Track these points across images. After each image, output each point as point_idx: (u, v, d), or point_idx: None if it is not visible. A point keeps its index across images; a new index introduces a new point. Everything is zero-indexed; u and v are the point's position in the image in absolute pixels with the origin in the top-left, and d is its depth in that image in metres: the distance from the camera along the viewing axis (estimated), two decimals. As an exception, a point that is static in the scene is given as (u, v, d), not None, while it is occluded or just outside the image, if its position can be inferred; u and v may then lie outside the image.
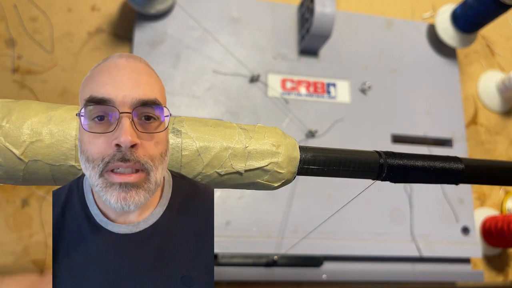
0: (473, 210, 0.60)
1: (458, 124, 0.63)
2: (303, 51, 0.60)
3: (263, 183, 0.26)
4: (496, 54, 0.71)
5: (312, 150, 0.23)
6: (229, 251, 0.51)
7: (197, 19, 0.58)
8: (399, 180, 0.22)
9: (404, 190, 0.58)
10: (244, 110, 0.56)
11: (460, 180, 0.23)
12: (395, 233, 0.56)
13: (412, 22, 0.66)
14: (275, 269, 0.52)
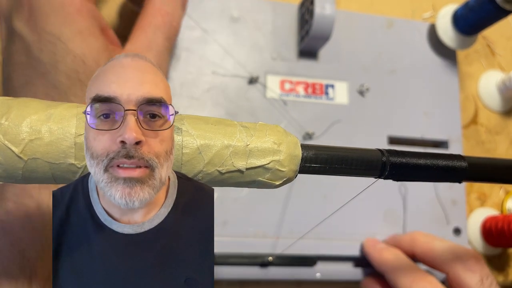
0: (465, 211, 0.60)
1: (454, 126, 0.63)
2: (302, 52, 0.60)
3: (264, 181, 0.25)
4: (496, 54, 0.71)
5: (314, 148, 0.23)
6: (226, 251, 0.51)
7: (197, 19, 0.58)
8: (401, 178, 0.22)
9: (398, 191, 0.58)
10: (242, 112, 0.56)
11: (463, 179, 0.23)
12: (388, 233, 0.56)
13: (413, 22, 0.66)
14: (270, 269, 0.52)
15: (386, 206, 0.58)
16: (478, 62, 0.70)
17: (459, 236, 0.59)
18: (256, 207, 0.54)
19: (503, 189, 0.65)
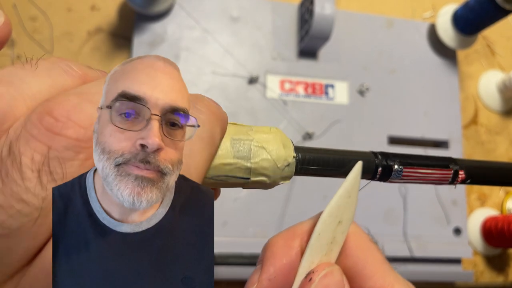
0: (466, 212, 0.60)
1: (455, 125, 0.63)
2: (302, 52, 0.60)
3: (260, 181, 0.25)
4: (496, 54, 0.71)
5: (307, 150, 0.23)
6: (226, 251, 0.51)
7: (197, 18, 0.58)
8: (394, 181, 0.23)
9: (398, 191, 0.58)
10: (242, 112, 0.56)
11: (454, 181, 0.23)
12: (388, 233, 0.56)
13: (413, 22, 0.66)
14: None
15: (387, 206, 0.58)
16: (478, 62, 0.70)
17: (459, 236, 0.59)
18: (256, 207, 0.54)
19: (503, 190, 0.65)
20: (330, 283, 0.19)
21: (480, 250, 0.61)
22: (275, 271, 0.20)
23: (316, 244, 0.20)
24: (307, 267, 0.19)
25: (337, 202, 0.20)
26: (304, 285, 0.19)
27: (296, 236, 0.21)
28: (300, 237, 0.21)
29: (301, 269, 0.19)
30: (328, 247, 0.20)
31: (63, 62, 0.20)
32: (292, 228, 0.22)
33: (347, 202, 0.20)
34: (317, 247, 0.20)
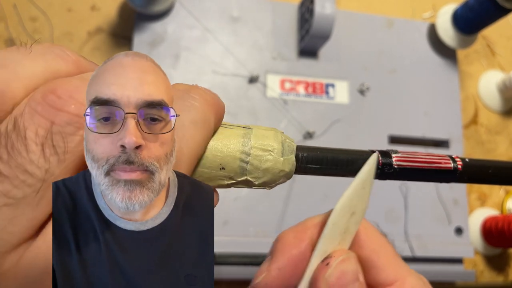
0: (467, 211, 0.60)
1: (455, 125, 0.63)
2: (303, 52, 0.60)
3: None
4: (496, 53, 0.71)
5: (307, 149, 0.23)
6: (226, 251, 0.51)
7: (197, 18, 0.58)
8: (391, 178, 0.23)
9: (399, 191, 0.58)
10: (243, 111, 0.56)
11: (454, 179, 0.23)
12: (389, 233, 0.56)
13: (413, 22, 0.66)
14: None
15: (388, 206, 0.58)
16: (478, 62, 0.70)
17: (461, 236, 0.58)
18: (256, 207, 0.54)
19: (503, 189, 0.65)
20: (347, 269, 0.19)
21: (480, 249, 0.61)
22: (285, 261, 0.20)
23: (330, 234, 0.20)
24: (320, 256, 0.19)
25: (351, 193, 0.20)
26: (321, 269, 0.19)
27: (307, 229, 0.21)
28: (310, 230, 0.21)
29: (313, 258, 0.19)
30: (341, 237, 0.20)
31: (57, 47, 0.21)
32: (303, 222, 0.22)
33: (361, 193, 0.20)
34: (330, 237, 0.20)
